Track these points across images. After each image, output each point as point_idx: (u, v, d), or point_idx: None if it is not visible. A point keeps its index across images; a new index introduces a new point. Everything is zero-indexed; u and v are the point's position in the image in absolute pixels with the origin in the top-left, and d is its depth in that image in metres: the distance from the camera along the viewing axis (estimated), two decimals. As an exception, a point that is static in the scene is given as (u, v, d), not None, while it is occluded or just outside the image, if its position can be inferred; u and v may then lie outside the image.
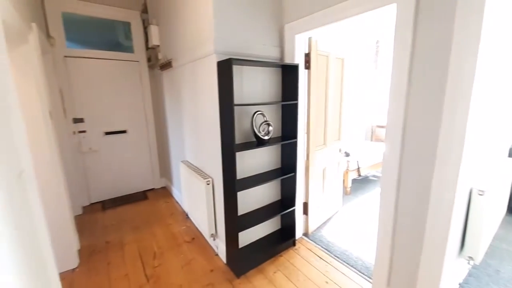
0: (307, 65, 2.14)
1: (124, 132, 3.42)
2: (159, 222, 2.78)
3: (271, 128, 1.94)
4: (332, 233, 2.48)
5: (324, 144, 2.49)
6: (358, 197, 3.39)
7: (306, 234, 2.46)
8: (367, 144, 4.65)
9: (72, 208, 2.57)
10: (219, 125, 1.84)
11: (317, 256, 2.14)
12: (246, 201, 2.06)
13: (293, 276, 1.90)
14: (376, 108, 5.09)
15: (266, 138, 1.91)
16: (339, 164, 2.83)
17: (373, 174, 4.24)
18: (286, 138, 2.10)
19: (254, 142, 1.94)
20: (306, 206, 2.41)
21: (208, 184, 2.09)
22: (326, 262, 2.07)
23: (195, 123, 2.33)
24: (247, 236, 2.12)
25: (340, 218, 2.79)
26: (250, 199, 2.10)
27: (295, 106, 2.04)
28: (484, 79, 1.20)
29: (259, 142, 1.91)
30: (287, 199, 2.26)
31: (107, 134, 3.29)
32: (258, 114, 1.90)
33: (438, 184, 1.26)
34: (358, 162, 3.43)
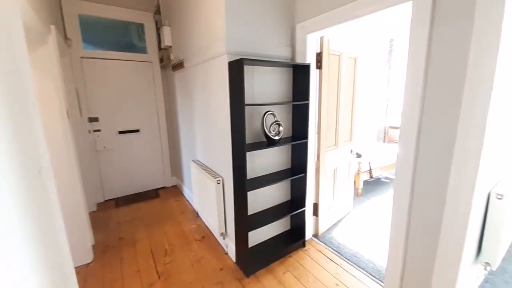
0: (319, 64, 2.12)
1: (137, 131, 3.50)
2: (170, 220, 2.83)
3: (281, 128, 1.94)
4: (342, 235, 2.45)
5: (335, 144, 2.46)
6: (369, 199, 3.32)
7: (316, 235, 2.43)
8: (379, 145, 4.56)
9: (87, 204, 2.66)
10: (230, 125, 1.85)
11: (327, 258, 2.12)
12: (256, 200, 2.06)
13: (302, 277, 1.89)
14: (389, 108, 4.98)
15: (276, 138, 1.91)
16: (350, 165, 2.79)
17: (385, 176, 4.15)
18: (297, 138, 2.09)
19: (265, 142, 1.94)
20: (316, 207, 2.38)
21: (218, 183, 2.11)
22: (337, 264, 2.04)
23: (206, 123, 2.36)
24: (256, 236, 2.12)
25: (351, 220, 2.75)
26: (260, 199, 2.10)
27: (306, 106, 2.03)
28: (504, 78, 1.15)
29: (270, 142, 1.91)
30: (297, 200, 2.24)
31: (121, 133, 3.38)
32: (269, 114, 1.90)
33: (454, 187, 1.22)
34: (370, 163, 3.37)
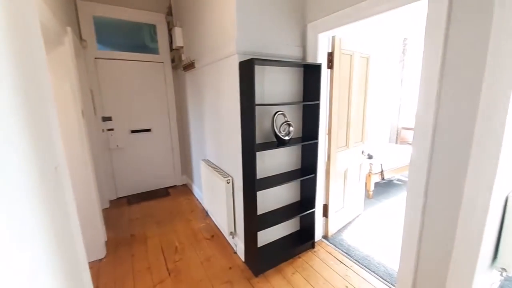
0: (330, 64, 2.10)
1: (148, 130, 3.56)
2: (180, 218, 2.86)
3: (291, 128, 1.93)
4: (353, 237, 2.41)
5: (346, 145, 2.43)
6: (381, 201, 3.26)
7: (326, 237, 2.41)
8: (391, 146, 4.47)
9: (100, 201, 2.72)
10: (240, 124, 1.86)
11: (337, 259, 2.09)
12: (265, 200, 2.06)
13: (312, 279, 1.87)
14: (402, 109, 4.87)
15: (286, 138, 1.90)
16: (361, 166, 2.74)
17: (397, 178, 4.06)
18: (307, 138, 2.08)
19: (275, 142, 1.94)
20: (326, 208, 2.36)
21: (228, 182, 2.12)
22: (347, 266, 2.01)
23: (216, 123, 2.37)
24: (265, 236, 2.12)
25: (361, 222, 2.70)
26: (269, 199, 2.09)
27: (316, 107, 2.01)
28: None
29: (280, 143, 1.91)
30: (306, 201, 2.23)
31: (133, 132, 3.45)
32: (279, 114, 1.89)
33: (471, 190, 1.18)
34: (381, 165, 3.30)
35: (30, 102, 0.89)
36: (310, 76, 2.03)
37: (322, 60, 2.04)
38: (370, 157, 3.45)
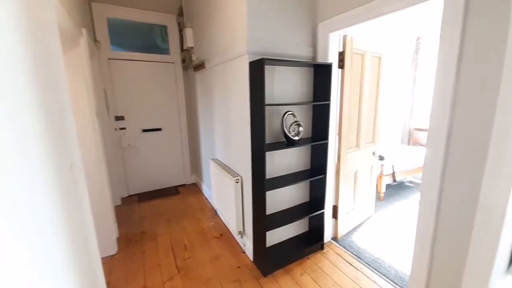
0: (341, 64, 2.07)
1: (159, 130, 3.62)
2: (189, 217, 2.90)
3: (301, 128, 1.92)
4: (363, 239, 2.37)
5: (356, 146, 2.39)
6: (392, 203, 3.19)
7: (335, 238, 2.38)
8: (403, 147, 4.37)
9: (113, 199, 2.79)
10: (250, 124, 1.86)
11: (346, 262, 2.06)
12: (274, 200, 2.06)
13: (321, 280, 1.86)
14: (414, 109, 4.75)
15: (296, 138, 1.89)
16: (372, 168, 2.70)
17: (409, 180, 3.97)
18: (317, 139, 2.06)
19: (284, 142, 1.93)
20: (335, 209, 2.33)
21: (237, 182, 2.13)
22: (356, 268, 1.98)
23: (226, 122, 2.39)
24: (274, 236, 2.11)
25: (372, 224, 2.66)
26: (278, 199, 2.09)
27: (326, 107, 1.99)
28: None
29: (289, 143, 1.90)
30: (316, 201, 2.21)
31: (144, 131, 3.51)
32: (289, 114, 1.89)
33: (487, 193, 1.14)
34: (393, 166, 3.24)
35: (48, 100, 0.92)
36: (321, 76, 2.01)
37: (333, 59, 2.01)
38: (381, 158, 3.39)
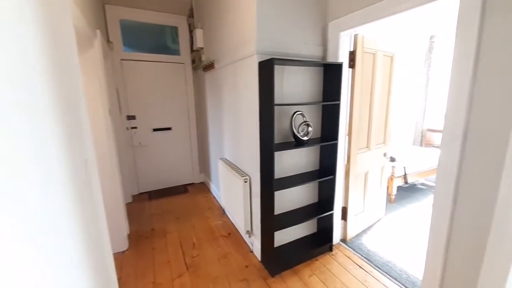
0: (352, 63, 2.04)
1: (169, 129, 3.68)
2: (198, 215, 2.93)
3: (310, 128, 1.90)
4: (373, 241, 2.33)
5: (367, 147, 2.35)
6: (404, 206, 3.13)
7: (344, 240, 2.35)
8: (415, 149, 4.27)
9: (124, 196, 2.85)
10: (259, 124, 1.86)
11: (356, 264, 2.04)
12: (282, 201, 2.05)
13: (329, 282, 1.84)
14: (427, 110, 4.63)
15: (305, 138, 1.88)
16: (383, 169, 2.65)
17: (421, 182, 3.88)
18: (326, 139, 2.04)
19: (293, 142, 1.92)
20: (345, 211, 2.30)
21: (245, 182, 2.13)
22: (366, 271, 1.95)
23: (235, 122, 2.40)
24: (282, 236, 2.11)
25: (382, 227, 2.61)
26: (287, 199, 2.08)
27: (336, 107, 1.96)
28: None
29: (298, 143, 1.89)
30: (324, 202, 2.19)
31: (155, 130, 3.57)
32: (298, 114, 1.88)
33: (505, 196, 1.10)
34: (404, 168, 3.16)
35: (64, 100, 0.95)
36: (331, 75, 1.99)
37: (344, 59, 1.99)
38: (393, 159, 3.33)
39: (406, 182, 3.22)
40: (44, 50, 0.79)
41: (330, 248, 2.20)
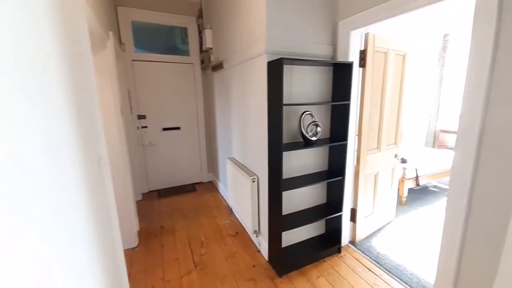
0: (362, 62, 2.01)
1: (178, 128, 3.73)
2: (206, 214, 2.95)
3: (319, 129, 1.89)
4: (383, 244, 2.29)
5: (377, 148, 2.31)
6: (415, 208, 3.06)
7: (353, 242, 2.32)
8: (428, 150, 4.16)
9: (134, 194, 2.90)
10: (267, 124, 1.86)
11: (365, 267, 2.00)
12: (290, 201, 2.04)
13: (337, 284, 1.82)
14: (441, 110, 4.51)
15: (313, 139, 1.86)
16: (394, 171, 2.60)
17: (434, 184, 3.78)
18: (335, 139, 2.02)
19: (301, 143, 1.91)
20: (354, 212, 2.27)
21: (253, 181, 2.13)
22: (375, 274, 1.92)
23: (243, 122, 2.40)
24: (290, 237, 2.10)
25: (392, 229, 2.56)
26: (295, 200, 2.07)
27: (346, 107, 1.94)
28: None
29: (306, 143, 1.88)
30: (333, 203, 2.16)
31: (164, 130, 3.63)
32: (307, 114, 1.86)
33: (525, 201, 1.06)
34: (416, 170, 3.09)
35: (79, 100, 0.98)
36: (341, 75, 1.96)
37: (354, 58, 1.96)
38: (404, 161, 3.26)
39: (418, 184, 3.14)
40: (59, 51, 0.81)
41: (339, 250, 2.18)
